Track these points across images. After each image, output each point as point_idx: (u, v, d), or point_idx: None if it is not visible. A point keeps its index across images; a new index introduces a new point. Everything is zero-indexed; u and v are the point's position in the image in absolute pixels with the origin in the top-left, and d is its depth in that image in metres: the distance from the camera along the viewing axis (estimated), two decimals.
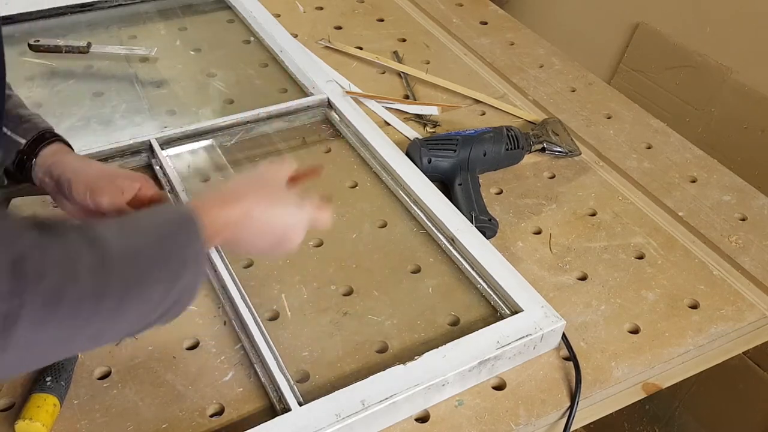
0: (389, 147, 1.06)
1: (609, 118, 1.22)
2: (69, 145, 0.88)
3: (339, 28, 1.40)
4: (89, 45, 1.23)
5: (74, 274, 0.52)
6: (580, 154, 1.13)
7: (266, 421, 0.71)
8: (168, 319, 0.62)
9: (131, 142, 1.02)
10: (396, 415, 0.75)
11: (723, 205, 1.06)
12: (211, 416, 0.74)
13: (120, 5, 1.39)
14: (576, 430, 0.80)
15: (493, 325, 0.81)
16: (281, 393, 0.74)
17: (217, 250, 0.88)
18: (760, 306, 0.92)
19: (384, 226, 0.98)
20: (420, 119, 1.18)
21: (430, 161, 1.03)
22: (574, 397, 0.79)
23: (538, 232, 0.99)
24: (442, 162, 1.03)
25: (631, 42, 1.78)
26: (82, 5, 1.36)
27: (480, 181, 1.04)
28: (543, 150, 1.12)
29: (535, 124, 1.18)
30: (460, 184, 1.01)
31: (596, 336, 0.86)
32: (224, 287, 0.84)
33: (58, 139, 0.86)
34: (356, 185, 1.04)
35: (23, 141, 0.84)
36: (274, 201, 0.71)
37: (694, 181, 1.10)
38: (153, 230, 0.61)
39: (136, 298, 0.57)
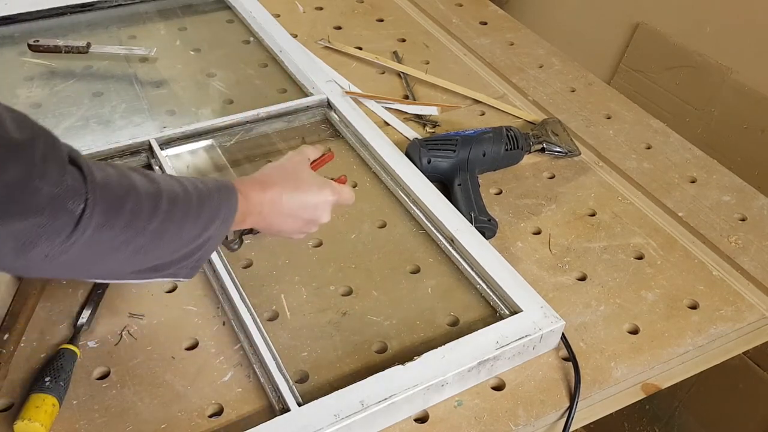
0: (389, 147, 1.06)
1: (609, 118, 1.22)
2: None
3: (339, 28, 1.40)
4: (89, 45, 1.23)
5: (133, 193, 0.61)
6: (580, 154, 1.13)
7: (265, 421, 0.71)
8: (187, 267, 0.69)
9: (130, 142, 1.02)
10: (395, 415, 0.75)
11: (723, 205, 1.06)
12: (210, 416, 0.74)
13: (120, 5, 1.39)
14: (575, 430, 0.80)
15: (492, 325, 0.81)
16: (280, 393, 0.74)
17: (217, 251, 0.88)
18: (759, 306, 0.92)
19: (383, 226, 0.98)
20: (419, 119, 1.18)
21: (429, 161, 1.03)
22: (573, 397, 0.79)
23: (538, 233, 0.99)
24: (442, 162, 1.03)
25: (631, 42, 1.78)
26: (82, 5, 1.36)
27: (479, 181, 1.04)
28: (542, 150, 1.12)
29: (534, 124, 1.18)
30: (459, 185, 1.01)
31: (595, 336, 0.86)
32: (223, 287, 0.84)
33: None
34: (356, 185, 1.04)
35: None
36: (299, 185, 0.79)
37: (693, 182, 1.09)
38: (200, 185, 0.69)
39: (174, 228, 0.65)
